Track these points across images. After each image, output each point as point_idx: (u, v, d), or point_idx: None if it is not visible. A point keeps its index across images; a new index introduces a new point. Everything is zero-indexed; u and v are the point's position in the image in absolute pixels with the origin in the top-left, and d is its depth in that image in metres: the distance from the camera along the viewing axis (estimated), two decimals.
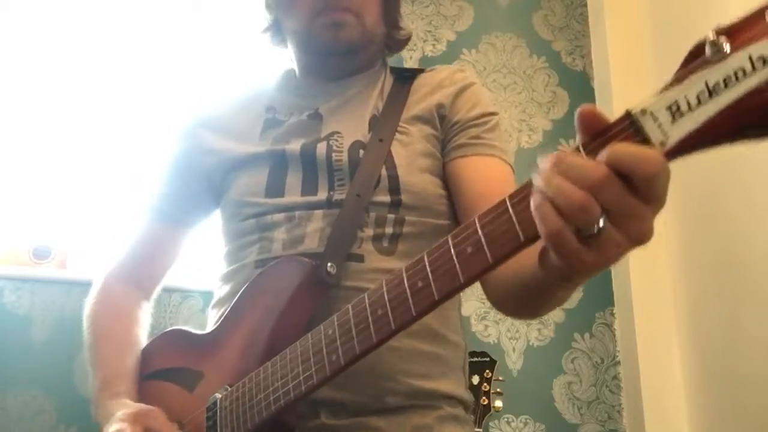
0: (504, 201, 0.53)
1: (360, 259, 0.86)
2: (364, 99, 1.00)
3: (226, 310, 0.90)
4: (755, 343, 1.60)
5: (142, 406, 0.84)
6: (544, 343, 2.27)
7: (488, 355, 1.91)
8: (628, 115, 0.46)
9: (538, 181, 0.48)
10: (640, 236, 0.47)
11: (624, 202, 0.46)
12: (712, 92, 0.43)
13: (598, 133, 0.48)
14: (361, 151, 0.92)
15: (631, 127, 0.46)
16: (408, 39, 1.10)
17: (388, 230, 0.88)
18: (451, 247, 0.57)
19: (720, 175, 1.80)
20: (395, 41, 1.09)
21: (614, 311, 2.28)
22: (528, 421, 2.18)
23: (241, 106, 1.05)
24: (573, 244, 0.47)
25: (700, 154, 0.46)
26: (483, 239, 0.54)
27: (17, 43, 2.29)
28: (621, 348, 2.22)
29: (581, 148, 0.49)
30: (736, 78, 0.42)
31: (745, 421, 1.64)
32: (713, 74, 0.43)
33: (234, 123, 1.03)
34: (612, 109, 2.27)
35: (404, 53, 2.62)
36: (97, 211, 2.20)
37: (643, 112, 0.46)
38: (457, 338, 0.93)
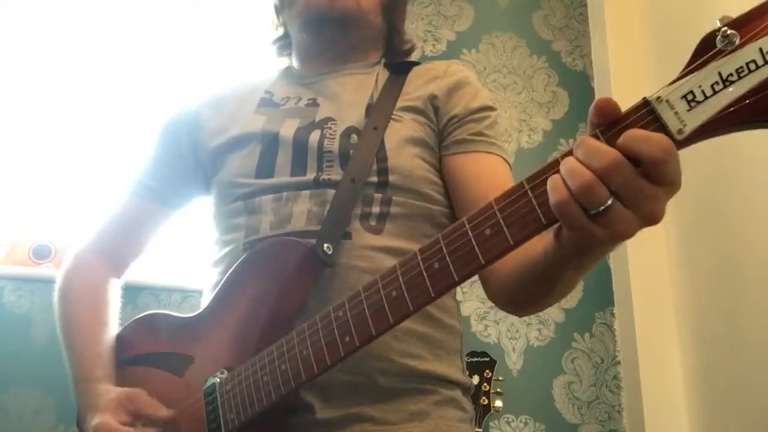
0: (522, 184, 0.55)
1: (348, 236, 0.87)
2: (360, 88, 1.01)
3: (215, 292, 0.90)
4: (755, 342, 1.60)
5: (125, 390, 0.84)
6: (544, 343, 2.27)
7: (488, 355, 1.91)
8: (645, 102, 0.49)
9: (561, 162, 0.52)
10: (652, 216, 0.50)
11: (633, 183, 0.49)
12: (725, 82, 0.45)
13: (616, 121, 0.51)
14: (354, 137, 0.93)
15: (648, 114, 0.49)
16: (410, 51, 1.13)
17: (375, 209, 0.89)
18: (469, 230, 0.58)
19: (720, 175, 1.80)
20: (396, 50, 1.12)
21: (614, 311, 2.28)
22: (528, 421, 2.18)
23: (240, 92, 1.07)
24: (580, 218, 0.50)
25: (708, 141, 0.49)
26: (502, 221, 0.56)
27: (17, 42, 2.29)
28: (621, 348, 2.22)
29: (599, 134, 0.51)
30: (749, 69, 0.45)
31: (745, 421, 1.64)
32: (726, 65, 0.46)
33: (231, 104, 1.05)
34: None
35: None
36: (98, 211, 2.19)
37: (659, 99, 0.48)
38: (453, 322, 0.93)
